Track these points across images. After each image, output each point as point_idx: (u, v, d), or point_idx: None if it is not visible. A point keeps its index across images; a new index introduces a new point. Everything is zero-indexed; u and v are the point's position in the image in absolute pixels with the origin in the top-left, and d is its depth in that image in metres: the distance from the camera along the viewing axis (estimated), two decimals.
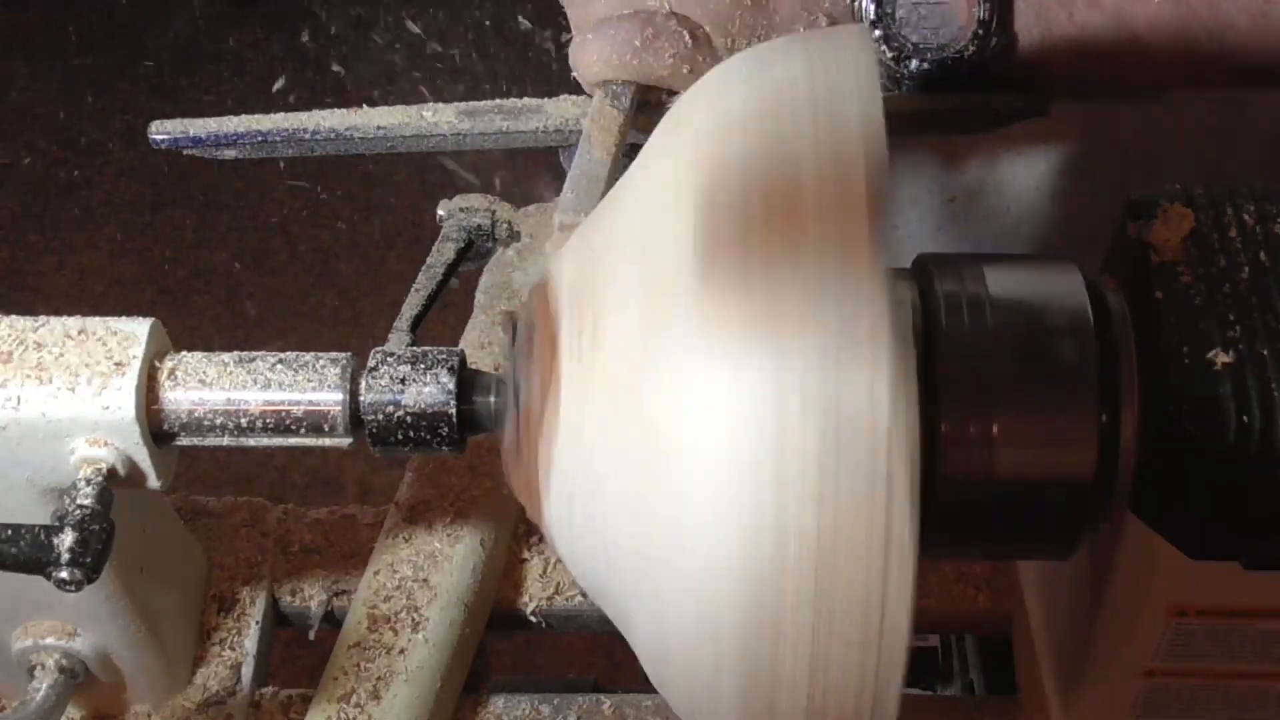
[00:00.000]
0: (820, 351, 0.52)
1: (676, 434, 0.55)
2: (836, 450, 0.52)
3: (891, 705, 0.55)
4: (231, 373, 0.69)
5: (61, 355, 0.68)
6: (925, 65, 0.83)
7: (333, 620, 0.91)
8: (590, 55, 0.91)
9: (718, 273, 0.54)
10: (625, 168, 0.67)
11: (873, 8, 0.84)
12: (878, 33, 0.83)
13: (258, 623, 0.89)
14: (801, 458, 0.52)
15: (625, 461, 0.57)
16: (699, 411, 0.54)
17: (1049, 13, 0.86)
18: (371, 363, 0.69)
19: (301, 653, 0.97)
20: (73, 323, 0.69)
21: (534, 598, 0.92)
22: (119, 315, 0.70)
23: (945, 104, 0.89)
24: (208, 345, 0.70)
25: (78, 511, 0.65)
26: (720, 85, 0.61)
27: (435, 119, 0.90)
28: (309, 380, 0.69)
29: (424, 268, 0.88)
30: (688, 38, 0.88)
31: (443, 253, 0.90)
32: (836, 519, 0.52)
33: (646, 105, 0.92)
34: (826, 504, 0.52)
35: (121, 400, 0.67)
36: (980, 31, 0.82)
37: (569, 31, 0.95)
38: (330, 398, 0.68)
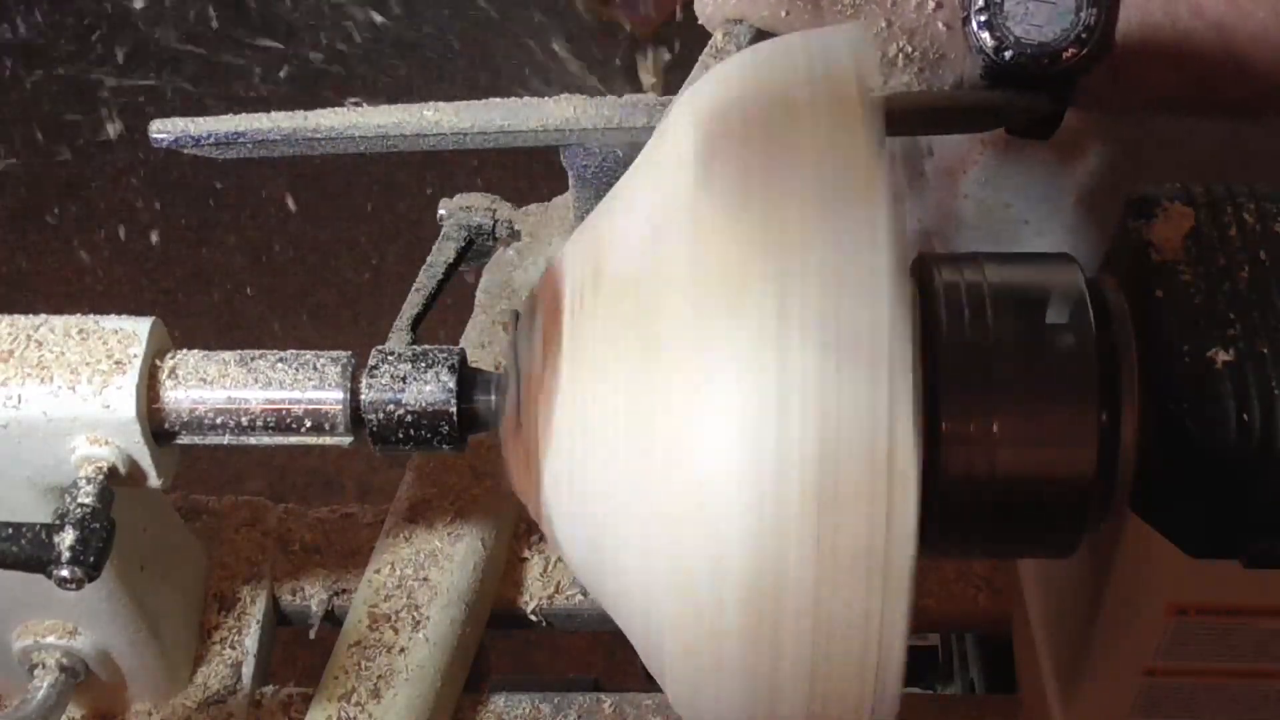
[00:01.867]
0: (820, 274, 0.52)
1: (679, 367, 0.55)
2: (838, 381, 0.52)
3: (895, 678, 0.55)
4: (232, 371, 0.69)
5: (62, 354, 0.68)
6: (1021, 60, 0.83)
7: (333, 619, 0.91)
8: None
9: (717, 180, 0.55)
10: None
11: None
12: (983, 18, 0.83)
13: (258, 622, 0.89)
14: (802, 382, 0.52)
15: (628, 411, 0.57)
16: (700, 341, 0.54)
17: (1154, 20, 0.85)
18: (372, 361, 0.69)
19: (301, 652, 0.97)
20: (73, 322, 0.69)
21: (534, 597, 0.92)
22: (119, 315, 0.70)
23: (945, 103, 0.89)
24: (208, 345, 0.70)
25: (78, 510, 0.65)
26: (717, 70, 0.63)
27: (435, 119, 0.90)
28: (309, 379, 0.69)
29: (424, 267, 0.88)
30: None
31: (443, 252, 0.90)
32: (839, 450, 0.52)
33: None
34: (829, 435, 0.52)
35: (122, 399, 0.67)
36: (1084, 35, 0.82)
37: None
38: (331, 396, 0.68)
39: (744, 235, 0.54)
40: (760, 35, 0.93)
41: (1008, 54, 0.82)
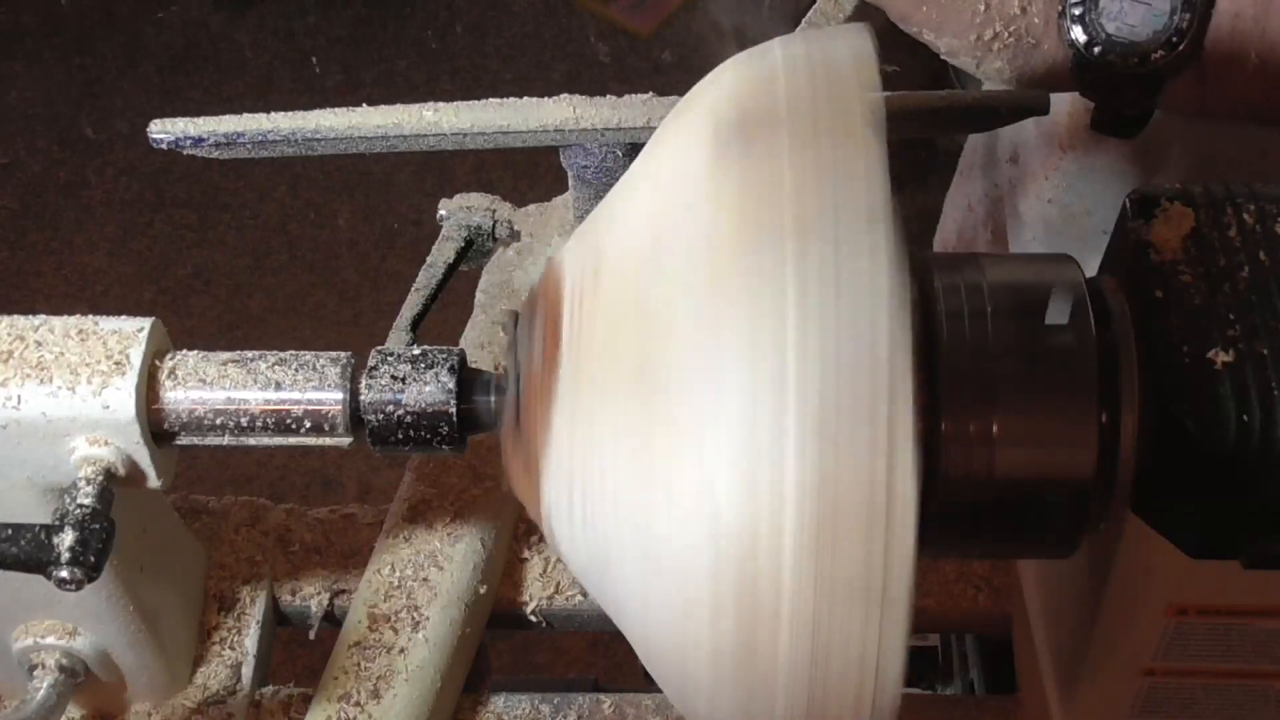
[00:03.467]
0: (820, 288, 0.52)
1: (678, 378, 0.55)
2: (838, 397, 0.52)
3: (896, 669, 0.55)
4: (231, 372, 0.69)
5: (62, 355, 0.68)
6: (1110, 57, 0.83)
7: (333, 620, 0.91)
8: None
9: (721, 192, 0.55)
10: (624, 168, 0.67)
11: None
12: (1078, 12, 0.83)
13: (258, 622, 0.89)
14: (802, 400, 0.52)
15: (627, 421, 0.57)
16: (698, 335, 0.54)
17: (1243, 26, 0.85)
18: (372, 362, 0.69)
19: (301, 652, 0.97)
20: (73, 322, 0.69)
21: (534, 597, 0.92)
22: (119, 315, 0.70)
23: (945, 103, 0.89)
24: (208, 345, 0.70)
25: (78, 511, 0.65)
26: (722, 73, 0.62)
27: (435, 119, 0.90)
28: (309, 379, 0.69)
29: (424, 267, 0.88)
30: None
31: (443, 252, 0.91)
32: (838, 429, 0.52)
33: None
34: (828, 438, 0.52)
35: (122, 400, 0.67)
36: (1175, 38, 0.82)
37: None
38: (330, 397, 0.68)
39: (746, 247, 0.54)
40: (863, 6, 0.94)
41: (1097, 50, 0.82)
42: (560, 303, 0.61)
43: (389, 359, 0.68)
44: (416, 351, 0.69)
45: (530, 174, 2.32)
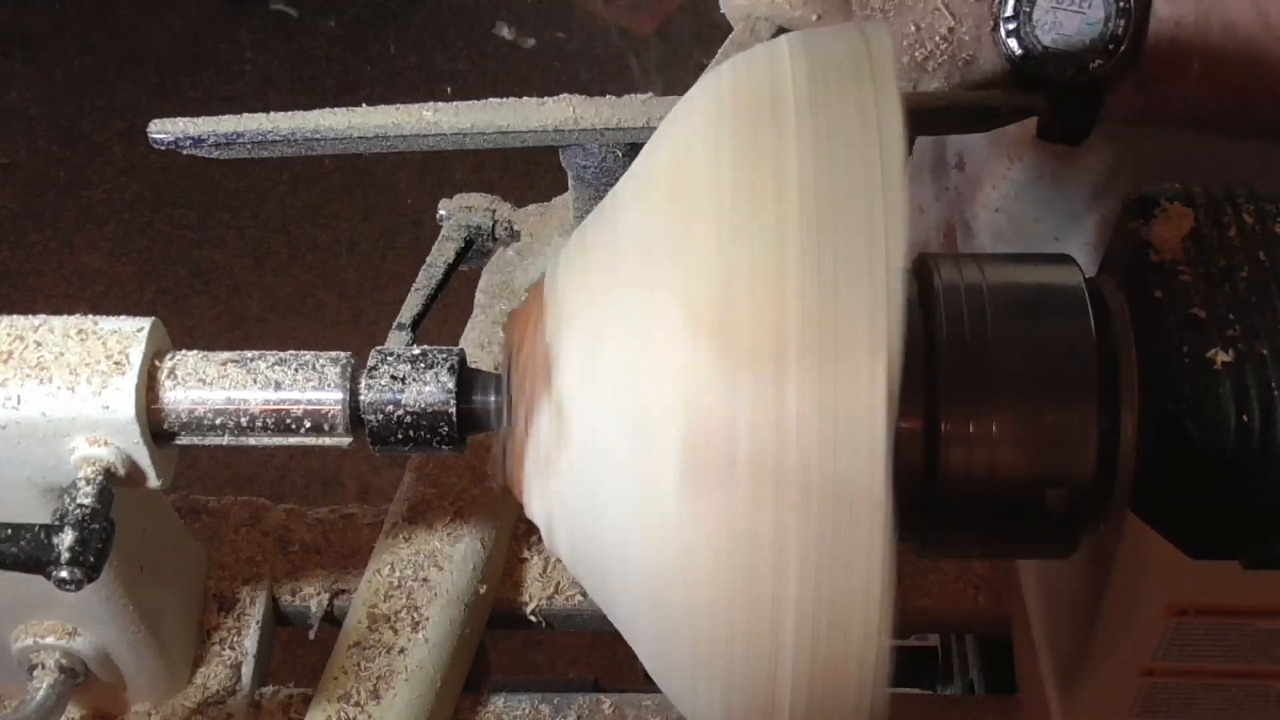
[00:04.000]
0: (820, 304, 0.52)
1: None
2: (837, 412, 0.52)
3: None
4: (231, 372, 0.69)
5: (61, 354, 0.68)
6: (1048, 69, 0.83)
7: (333, 620, 0.91)
8: None
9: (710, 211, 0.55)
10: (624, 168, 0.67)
11: (1011, 2, 0.84)
12: (1011, 26, 0.83)
13: (258, 622, 0.89)
14: (800, 422, 0.52)
15: (629, 435, 0.57)
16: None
17: (1184, 34, 0.85)
18: (371, 362, 0.69)
19: (301, 652, 0.97)
20: (73, 322, 0.69)
21: (534, 597, 0.92)
22: (119, 315, 0.70)
23: (945, 103, 0.89)
24: (208, 345, 0.70)
25: (78, 511, 0.65)
26: (716, 82, 0.62)
27: (435, 119, 0.90)
28: (309, 379, 0.69)
29: (424, 267, 0.88)
30: None
31: (443, 252, 0.90)
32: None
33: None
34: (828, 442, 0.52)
35: (121, 400, 0.67)
36: (1112, 45, 0.82)
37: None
38: (330, 397, 0.68)
39: (736, 261, 0.54)
40: (781, 31, 0.93)
41: (1035, 62, 0.82)
42: (558, 320, 0.61)
43: (389, 359, 0.68)
44: (416, 351, 0.69)
45: (530, 174, 2.32)
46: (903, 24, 0.88)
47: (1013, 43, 0.83)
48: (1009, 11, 0.83)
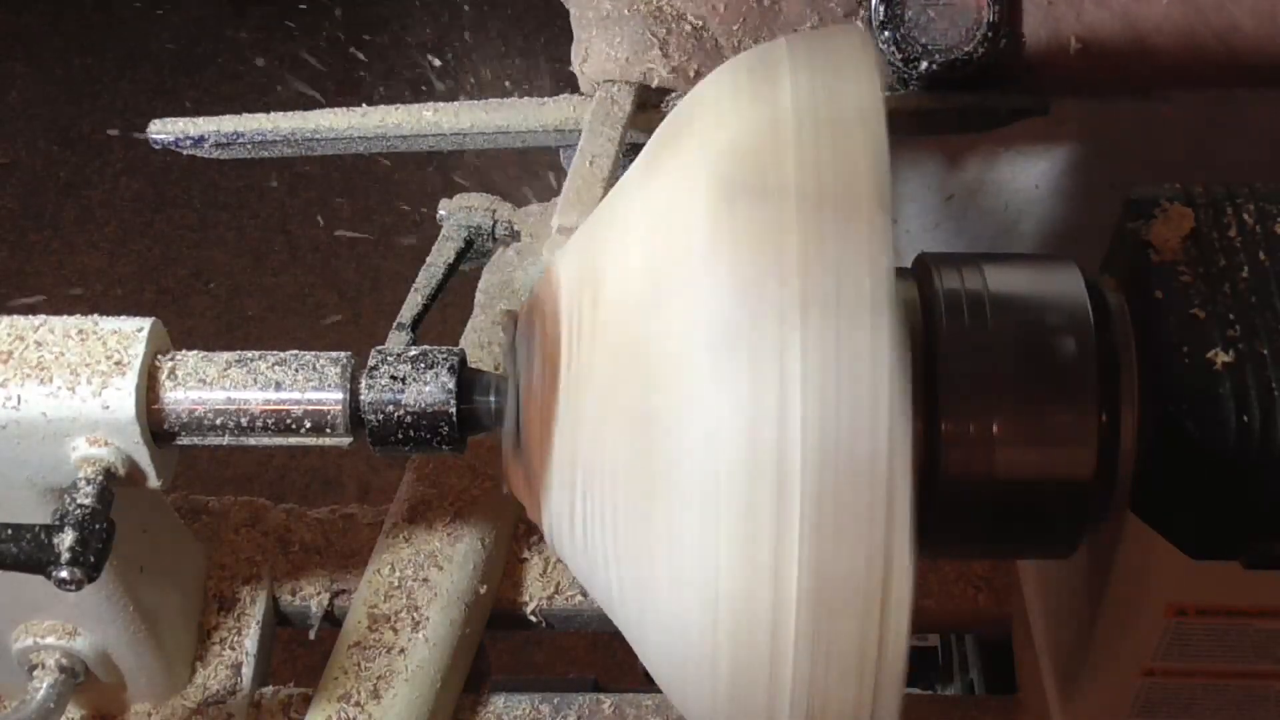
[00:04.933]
0: (822, 317, 0.52)
1: (678, 404, 0.54)
2: (837, 405, 0.52)
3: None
4: (231, 372, 0.69)
5: (62, 355, 0.68)
6: (934, 67, 0.83)
7: (333, 620, 0.91)
8: (595, 54, 0.90)
9: (726, 220, 0.55)
10: (624, 168, 0.67)
11: (883, 9, 0.84)
12: (887, 34, 0.83)
13: (258, 622, 0.89)
14: (804, 431, 0.52)
15: (629, 443, 0.56)
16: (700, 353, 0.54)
17: (1057, 12, 0.86)
18: (371, 362, 0.69)
19: (301, 652, 0.97)
20: (73, 322, 0.69)
21: (534, 597, 0.92)
22: (119, 315, 0.70)
23: (945, 104, 0.89)
24: (208, 345, 0.70)
25: (78, 511, 0.65)
26: (723, 88, 0.61)
27: (435, 119, 0.90)
28: (309, 380, 0.69)
29: (424, 267, 0.88)
30: (694, 39, 0.88)
31: (443, 252, 0.90)
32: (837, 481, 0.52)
33: (645, 106, 0.92)
34: (828, 457, 0.52)
35: (121, 400, 0.67)
36: (989, 33, 0.82)
37: (570, 34, 0.95)
38: (330, 397, 0.68)
39: (747, 319, 0.53)
40: (644, 91, 0.92)
41: (921, 64, 0.82)
42: (559, 324, 0.61)
43: (389, 359, 0.68)
44: (416, 351, 0.69)
45: (530, 174, 2.32)
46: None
47: (893, 50, 0.83)
48: (881, 18, 0.83)
